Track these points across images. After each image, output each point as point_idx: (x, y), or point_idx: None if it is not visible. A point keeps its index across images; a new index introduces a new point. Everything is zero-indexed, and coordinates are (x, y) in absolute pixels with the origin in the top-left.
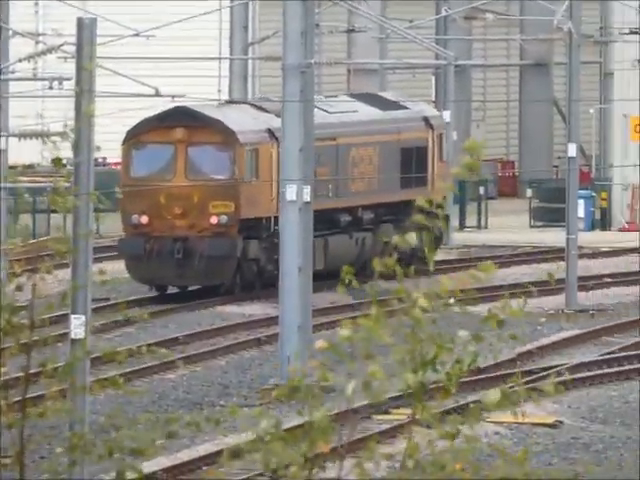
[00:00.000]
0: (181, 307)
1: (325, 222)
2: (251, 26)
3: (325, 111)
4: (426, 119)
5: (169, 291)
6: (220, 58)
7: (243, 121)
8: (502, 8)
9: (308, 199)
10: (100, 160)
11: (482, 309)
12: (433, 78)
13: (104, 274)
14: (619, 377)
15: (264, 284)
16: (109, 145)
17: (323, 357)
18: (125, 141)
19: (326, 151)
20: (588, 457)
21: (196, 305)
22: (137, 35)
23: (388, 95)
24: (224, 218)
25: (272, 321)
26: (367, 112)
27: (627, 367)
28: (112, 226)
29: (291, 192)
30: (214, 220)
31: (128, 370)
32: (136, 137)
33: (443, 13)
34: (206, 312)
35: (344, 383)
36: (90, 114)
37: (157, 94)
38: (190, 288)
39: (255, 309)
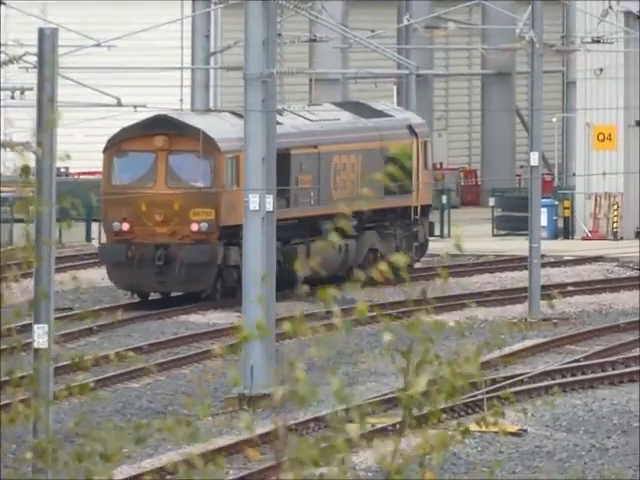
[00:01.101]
0: (145, 316)
1: (307, 229)
2: (213, 35)
3: (307, 119)
4: (410, 127)
5: (149, 297)
6: (182, 68)
7: (223, 129)
8: (464, 17)
9: (271, 208)
10: (63, 170)
11: (446, 317)
12: (395, 87)
13: (76, 279)
14: (583, 386)
15: None
16: (72, 155)
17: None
18: (106, 149)
19: (308, 159)
20: (552, 466)
21: (160, 314)
22: (99, 45)
23: (373, 103)
24: (205, 225)
25: (236, 330)
26: (350, 120)
27: (591, 376)
28: (75, 235)
29: (254, 202)
30: (195, 227)
31: (92, 379)
32: (117, 145)
33: (405, 22)
34: (170, 321)
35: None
36: (53, 124)
37: (119, 104)
38: (173, 294)
39: (219, 318)
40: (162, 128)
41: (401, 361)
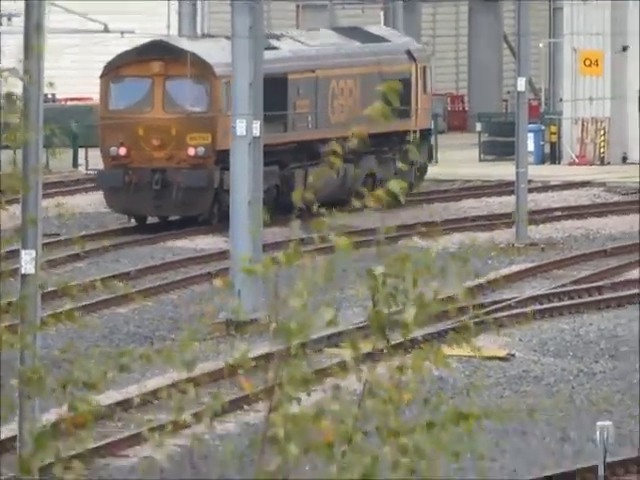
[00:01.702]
0: (132, 242)
1: (305, 153)
2: None
3: (304, 44)
4: (409, 52)
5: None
6: None
7: (219, 54)
8: None
9: (258, 134)
10: (50, 97)
11: (432, 243)
12: (382, 13)
13: (61, 205)
14: (570, 310)
15: None
16: (59, 81)
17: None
18: (103, 74)
19: (305, 83)
20: (539, 390)
21: (147, 240)
22: None
23: (371, 28)
24: (201, 150)
25: (223, 255)
26: (348, 45)
27: (578, 300)
28: (62, 162)
29: (241, 127)
30: (191, 152)
31: (79, 305)
32: (114, 70)
33: None
34: (157, 247)
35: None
36: (39, 50)
37: (106, 30)
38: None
39: (207, 243)
40: (159, 53)
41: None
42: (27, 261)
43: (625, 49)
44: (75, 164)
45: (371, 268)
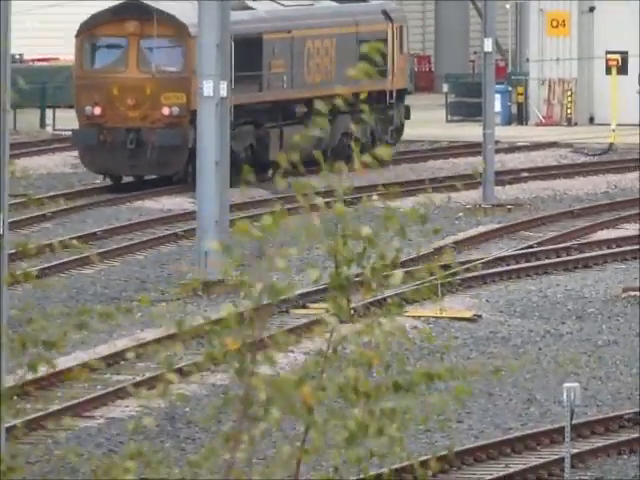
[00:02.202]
0: (98, 202)
1: (280, 113)
2: None
3: (279, 3)
4: (385, 12)
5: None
6: None
7: (195, 14)
8: None
9: (225, 94)
10: (17, 57)
11: (400, 204)
12: None
13: (12, 164)
14: (537, 271)
15: None
16: (25, 42)
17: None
18: (78, 34)
19: (280, 43)
20: (507, 351)
21: (114, 200)
22: None
23: None
24: (176, 109)
25: (190, 216)
26: (324, 5)
27: (545, 262)
28: (29, 122)
29: (208, 87)
30: (166, 111)
31: (45, 265)
32: (89, 30)
33: None
34: (124, 207)
35: (250, 282)
36: (6, 10)
37: None
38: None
39: (173, 204)
40: (134, 13)
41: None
42: None
43: (592, 10)
44: (42, 124)
45: (330, 230)
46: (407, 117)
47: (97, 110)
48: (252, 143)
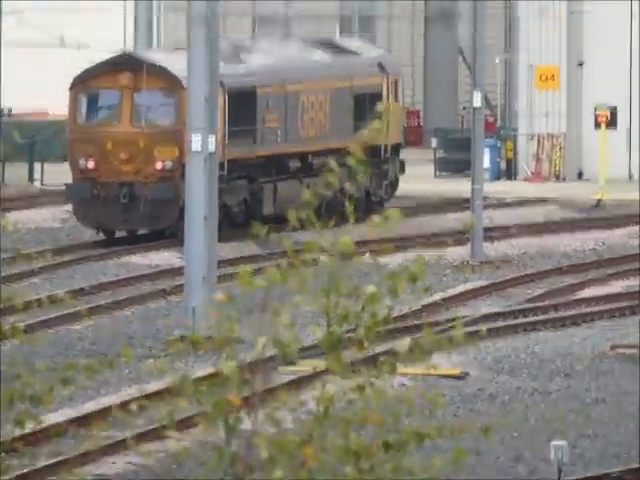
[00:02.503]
0: (87, 257)
1: (274, 167)
2: None
3: (273, 57)
4: (380, 65)
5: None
6: (125, 5)
7: (185, 67)
8: None
9: (213, 149)
10: (5, 112)
11: (388, 260)
12: (337, 26)
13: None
14: (525, 328)
15: None
16: (14, 95)
17: (229, 309)
18: (72, 87)
19: (274, 97)
20: (494, 409)
21: (102, 255)
22: None
23: (343, 41)
24: (169, 163)
25: (177, 272)
26: (319, 58)
27: (533, 318)
28: (17, 176)
29: (196, 142)
30: (159, 165)
31: (33, 321)
32: (83, 83)
33: None
34: (111, 262)
35: (252, 336)
36: None
37: (62, 43)
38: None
39: (161, 259)
40: (128, 66)
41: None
42: None
43: (581, 64)
44: (31, 179)
45: (323, 287)
46: (402, 171)
47: (90, 164)
48: (246, 197)
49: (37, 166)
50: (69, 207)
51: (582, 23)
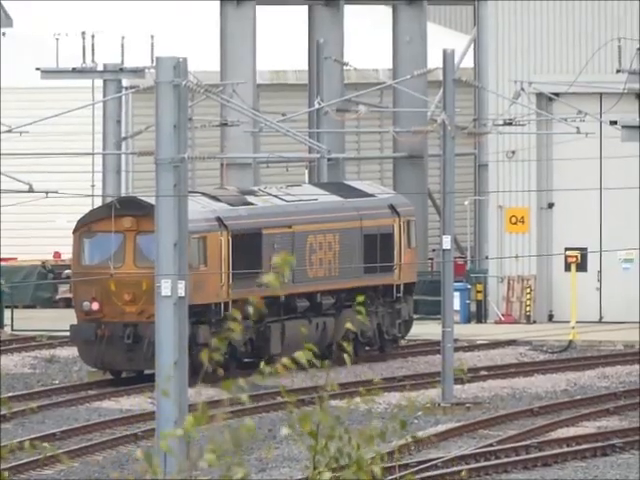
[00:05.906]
0: (57, 403)
1: (282, 307)
2: (124, 120)
3: (280, 199)
4: (392, 207)
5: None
6: (93, 154)
7: (191, 210)
8: (375, 100)
9: (183, 294)
10: None
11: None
12: (306, 171)
13: None
14: (497, 470)
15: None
16: None
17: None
18: (76, 230)
19: (281, 238)
20: None
21: (73, 401)
22: (10, 131)
23: (356, 184)
24: None
25: (149, 416)
26: (328, 200)
27: (504, 460)
28: None
29: (166, 287)
30: None
31: (5, 466)
32: (86, 226)
33: (316, 106)
34: (82, 407)
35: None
36: None
37: (31, 190)
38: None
39: (132, 404)
40: (130, 210)
41: (309, 441)
42: None
43: (551, 206)
44: (1, 324)
45: (312, 429)
46: (415, 312)
47: (95, 305)
48: (252, 338)
49: (7, 312)
50: (39, 353)
51: (552, 165)
